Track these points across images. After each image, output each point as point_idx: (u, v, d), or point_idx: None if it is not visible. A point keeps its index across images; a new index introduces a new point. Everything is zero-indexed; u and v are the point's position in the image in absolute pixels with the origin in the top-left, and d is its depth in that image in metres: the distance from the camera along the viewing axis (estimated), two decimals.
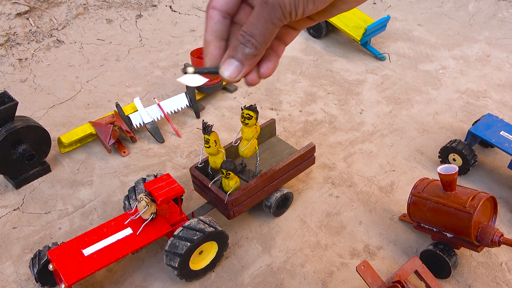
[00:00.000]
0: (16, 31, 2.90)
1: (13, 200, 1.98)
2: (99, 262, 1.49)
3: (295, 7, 0.50)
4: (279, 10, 0.51)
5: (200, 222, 1.59)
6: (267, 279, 1.67)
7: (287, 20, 0.52)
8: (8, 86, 2.68)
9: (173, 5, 3.53)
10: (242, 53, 0.55)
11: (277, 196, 1.82)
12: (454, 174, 1.56)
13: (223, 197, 1.66)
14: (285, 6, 0.50)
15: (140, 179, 1.79)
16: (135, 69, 2.88)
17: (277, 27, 0.53)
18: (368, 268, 1.46)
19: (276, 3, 0.50)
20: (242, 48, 0.54)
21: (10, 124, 1.92)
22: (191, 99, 2.43)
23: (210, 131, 1.64)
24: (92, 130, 2.21)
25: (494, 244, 1.54)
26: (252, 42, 0.54)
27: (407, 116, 2.50)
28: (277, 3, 0.50)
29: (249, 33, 0.53)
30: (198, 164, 1.80)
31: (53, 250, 1.51)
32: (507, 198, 2.00)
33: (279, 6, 0.50)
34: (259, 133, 1.76)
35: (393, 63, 2.97)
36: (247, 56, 0.55)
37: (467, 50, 3.13)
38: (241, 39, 0.54)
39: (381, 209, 1.95)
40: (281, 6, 0.50)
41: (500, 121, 2.11)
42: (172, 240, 1.54)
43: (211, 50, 0.57)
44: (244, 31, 0.53)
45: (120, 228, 1.60)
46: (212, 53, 0.57)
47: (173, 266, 1.55)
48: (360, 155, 2.23)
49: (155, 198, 1.58)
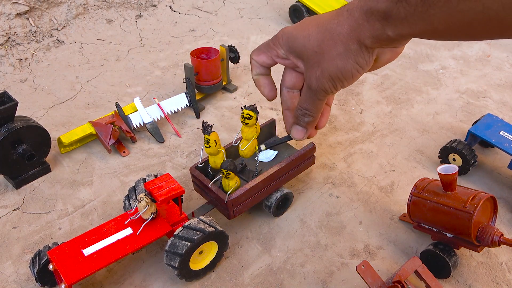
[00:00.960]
0: (16, 31, 2.90)
1: (13, 200, 1.98)
2: (99, 262, 1.49)
3: (334, 88, 0.64)
4: (322, 93, 0.66)
5: (200, 222, 1.58)
6: (267, 279, 1.67)
7: (330, 95, 0.67)
8: (8, 86, 2.68)
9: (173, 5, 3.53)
10: (303, 122, 0.73)
11: (277, 196, 1.82)
12: (454, 174, 1.56)
13: (223, 197, 1.65)
14: (325, 89, 0.65)
15: (141, 179, 1.79)
16: (135, 69, 2.88)
17: (324, 101, 0.68)
18: (368, 268, 1.46)
19: (318, 88, 0.65)
20: (302, 118, 0.72)
21: (10, 124, 1.92)
22: (191, 99, 2.43)
23: (210, 131, 1.63)
24: (92, 130, 2.21)
25: (494, 244, 1.54)
26: (308, 114, 0.71)
27: (407, 116, 2.50)
28: (319, 88, 0.65)
29: (304, 108, 0.70)
30: (198, 164, 1.79)
31: (53, 250, 1.51)
32: (507, 198, 2.00)
33: (321, 90, 0.65)
34: (259, 133, 1.76)
35: (393, 63, 2.97)
36: (308, 123, 0.73)
37: (467, 50, 3.13)
38: (299, 112, 0.72)
39: (381, 209, 1.95)
40: (323, 89, 0.65)
41: (500, 121, 2.11)
42: (172, 240, 1.54)
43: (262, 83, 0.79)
44: (300, 106, 0.71)
45: (120, 228, 1.60)
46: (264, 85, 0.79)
47: (173, 266, 1.54)
48: (360, 155, 2.23)
49: (155, 198, 1.58)
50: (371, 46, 0.59)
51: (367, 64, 0.62)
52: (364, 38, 0.58)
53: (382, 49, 0.62)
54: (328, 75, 0.63)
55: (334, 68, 0.62)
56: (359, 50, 0.60)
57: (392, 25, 0.55)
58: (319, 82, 0.64)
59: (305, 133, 0.75)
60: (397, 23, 0.54)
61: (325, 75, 0.63)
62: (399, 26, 0.55)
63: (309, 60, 0.65)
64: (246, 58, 2.97)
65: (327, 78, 0.63)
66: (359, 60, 0.60)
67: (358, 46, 0.59)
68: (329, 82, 0.64)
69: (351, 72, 0.62)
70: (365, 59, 0.61)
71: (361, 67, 0.62)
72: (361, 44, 0.59)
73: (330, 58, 0.61)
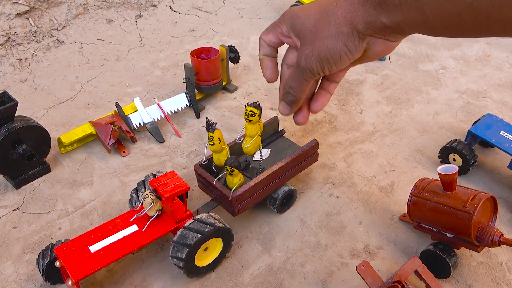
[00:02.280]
0: (16, 31, 2.90)
1: (13, 200, 1.98)
2: (106, 258, 1.51)
3: (321, 69, 0.66)
4: (308, 72, 0.67)
5: (210, 217, 1.61)
6: (267, 279, 1.67)
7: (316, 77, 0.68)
8: (8, 86, 2.68)
9: (173, 5, 3.53)
10: (287, 99, 0.74)
11: (285, 190, 1.84)
12: (454, 174, 1.56)
13: (227, 194, 1.67)
14: (312, 69, 0.66)
15: (150, 174, 1.82)
16: (135, 69, 2.88)
17: (309, 82, 0.69)
18: (368, 268, 1.46)
19: (305, 67, 0.66)
20: (286, 96, 0.74)
21: (10, 124, 1.92)
22: (191, 99, 2.43)
23: (214, 128, 1.64)
24: (92, 130, 2.21)
25: (494, 244, 1.54)
26: (291, 93, 0.72)
27: (407, 116, 2.50)
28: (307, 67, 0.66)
29: (289, 86, 0.72)
30: (202, 162, 1.81)
31: (60, 247, 1.53)
32: (507, 198, 2.00)
33: (308, 69, 0.66)
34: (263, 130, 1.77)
35: (393, 63, 2.97)
36: (291, 101, 0.74)
37: (467, 50, 3.13)
38: (286, 90, 0.73)
39: (381, 209, 1.95)
40: (310, 69, 0.66)
41: (500, 121, 2.11)
42: (182, 231, 1.55)
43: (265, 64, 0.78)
44: (287, 83, 0.73)
45: (126, 225, 1.62)
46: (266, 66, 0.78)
47: (180, 258, 1.54)
48: (360, 155, 2.23)
49: (160, 195, 1.59)
50: (363, 32, 0.60)
51: (356, 49, 0.62)
52: (358, 23, 0.59)
53: (374, 39, 0.62)
54: (318, 54, 0.64)
55: (324, 47, 0.63)
56: (350, 34, 0.61)
57: (386, 12, 0.57)
58: (307, 60, 0.66)
59: (290, 110, 0.76)
60: (391, 9, 0.56)
61: (314, 54, 0.64)
62: (392, 13, 0.56)
63: (304, 38, 0.66)
64: (246, 58, 2.97)
65: (316, 58, 0.64)
66: (348, 43, 0.61)
67: (350, 30, 0.60)
68: (317, 62, 0.65)
69: (339, 54, 0.62)
70: (355, 43, 0.61)
71: (349, 51, 0.62)
72: (353, 28, 0.60)
73: (322, 37, 0.63)
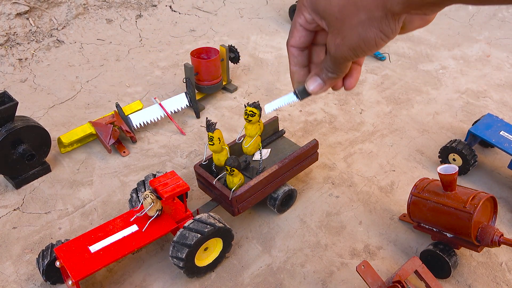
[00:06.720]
0: (16, 31, 2.90)
1: (13, 200, 1.98)
2: (106, 258, 1.51)
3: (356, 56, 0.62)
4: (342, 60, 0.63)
5: (210, 217, 1.61)
6: (267, 279, 1.67)
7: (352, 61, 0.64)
8: (8, 86, 2.68)
9: (173, 5, 3.53)
10: (325, 75, 0.67)
11: (285, 190, 1.84)
12: (454, 174, 1.56)
13: (227, 193, 1.67)
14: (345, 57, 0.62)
15: (150, 174, 1.81)
16: (135, 69, 2.88)
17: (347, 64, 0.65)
18: (368, 268, 1.46)
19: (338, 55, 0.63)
20: (326, 72, 0.67)
21: (10, 124, 1.91)
22: (191, 99, 2.43)
23: (213, 128, 1.64)
24: (92, 130, 2.21)
25: (494, 244, 1.54)
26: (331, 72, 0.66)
27: (407, 116, 2.50)
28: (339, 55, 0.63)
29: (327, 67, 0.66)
30: (202, 162, 1.81)
31: (60, 247, 1.53)
32: (507, 198, 2.00)
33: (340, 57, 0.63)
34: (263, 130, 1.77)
35: (393, 63, 2.97)
36: (329, 78, 0.67)
37: (467, 50, 3.13)
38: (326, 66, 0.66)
39: (381, 209, 1.95)
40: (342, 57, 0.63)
41: (500, 121, 2.11)
42: (182, 231, 1.55)
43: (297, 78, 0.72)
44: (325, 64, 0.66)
45: (126, 225, 1.62)
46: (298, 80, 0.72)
47: (180, 258, 1.54)
48: (360, 155, 2.23)
49: (160, 195, 1.59)
50: (399, 12, 0.56)
51: (392, 32, 0.58)
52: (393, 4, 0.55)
53: (410, 17, 0.59)
54: (349, 44, 0.60)
55: (355, 37, 0.59)
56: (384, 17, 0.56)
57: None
58: (338, 49, 0.61)
59: (322, 87, 0.69)
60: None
61: (345, 43, 0.60)
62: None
63: (330, 25, 0.62)
64: (246, 58, 2.97)
65: (347, 47, 0.60)
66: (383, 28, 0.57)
67: (384, 13, 0.56)
68: (349, 51, 0.61)
69: (375, 41, 0.59)
70: (391, 27, 0.58)
71: (386, 35, 0.58)
72: (387, 11, 0.56)
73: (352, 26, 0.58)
